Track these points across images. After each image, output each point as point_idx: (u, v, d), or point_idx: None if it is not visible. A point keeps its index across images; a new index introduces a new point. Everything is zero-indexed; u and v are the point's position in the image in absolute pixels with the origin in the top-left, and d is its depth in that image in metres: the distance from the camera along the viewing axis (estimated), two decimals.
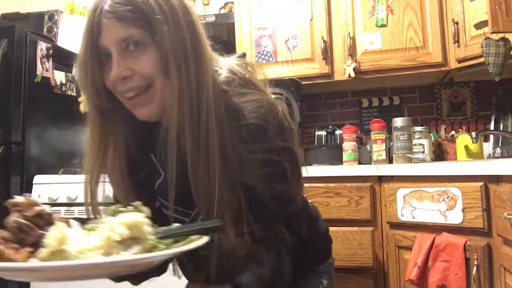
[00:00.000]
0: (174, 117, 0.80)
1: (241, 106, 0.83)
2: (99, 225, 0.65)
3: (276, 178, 0.83)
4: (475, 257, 1.40)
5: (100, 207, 0.89)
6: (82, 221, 0.80)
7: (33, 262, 0.59)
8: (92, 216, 0.89)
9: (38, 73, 2.21)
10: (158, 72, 0.81)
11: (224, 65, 0.90)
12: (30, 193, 2.11)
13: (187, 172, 0.81)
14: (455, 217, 1.49)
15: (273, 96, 0.92)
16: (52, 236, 0.61)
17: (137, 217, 0.64)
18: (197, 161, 0.79)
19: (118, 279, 0.89)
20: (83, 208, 0.92)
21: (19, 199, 0.67)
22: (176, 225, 0.72)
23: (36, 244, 0.62)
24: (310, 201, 1.18)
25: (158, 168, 0.91)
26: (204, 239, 0.66)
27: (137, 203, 0.70)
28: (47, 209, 0.68)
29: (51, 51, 2.30)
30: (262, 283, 0.74)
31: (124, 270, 0.64)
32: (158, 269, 0.87)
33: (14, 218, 0.64)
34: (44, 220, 0.66)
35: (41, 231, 0.63)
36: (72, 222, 0.70)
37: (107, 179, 0.91)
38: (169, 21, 0.79)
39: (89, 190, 0.88)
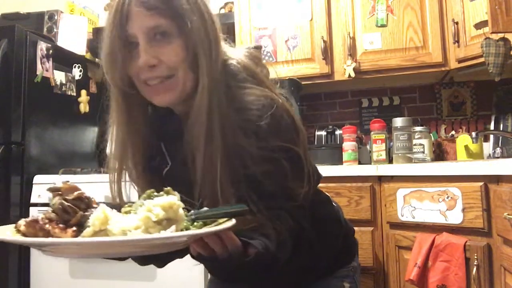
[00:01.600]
0: (203, 105, 0.82)
1: (242, 98, 0.85)
2: (134, 209, 0.69)
3: (275, 176, 0.83)
4: (475, 257, 1.40)
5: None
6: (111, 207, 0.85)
7: (85, 238, 0.63)
8: (119, 204, 0.92)
9: (38, 73, 2.21)
10: (182, 63, 0.83)
11: (232, 56, 0.92)
12: (30, 193, 2.12)
13: (191, 162, 0.83)
14: (455, 217, 1.49)
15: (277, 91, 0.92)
16: (95, 217, 0.64)
17: (172, 199, 0.67)
18: (206, 151, 0.81)
19: (144, 262, 0.93)
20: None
21: (58, 184, 0.72)
22: (205, 209, 0.75)
23: (80, 225, 0.66)
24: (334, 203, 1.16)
25: (166, 157, 0.94)
26: (232, 221, 0.68)
27: (168, 188, 0.73)
28: (86, 194, 0.72)
29: (51, 51, 2.30)
30: (268, 254, 0.73)
31: (160, 248, 0.68)
32: (183, 250, 0.90)
33: (58, 200, 0.68)
34: (84, 203, 0.69)
35: (83, 212, 0.67)
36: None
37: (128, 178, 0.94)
38: (195, 13, 0.83)
39: (115, 177, 0.91)
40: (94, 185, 2.02)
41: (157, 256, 0.81)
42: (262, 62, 0.98)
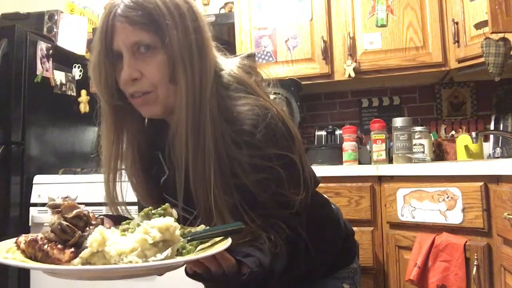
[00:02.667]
0: (181, 118, 0.83)
1: (234, 110, 0.85)
2: (132, 227, 0.71)
3: (270, 183, 0.83)
4: (475, 257, 1.40)
5: (123, 207, 0.95)
6: (111, 218, 0.89)
7: (85, 266, 0.65)
8: (115, 213, 0.95)
9: (38, 73, 2.21)
10: (163, 78, 0.84)
11: (225, 68, 0.92)
12: (30, 193, 2.12)
13: (187, 171, 0.83)
14: (455, 217, 1.49)
15: (272, 98, 0.93)
16: (93, 238, 0.66)
17: (169, 221, 0.68)
18: (197, 161, 0.82)
19: None
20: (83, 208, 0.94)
21: (57, 201, 0.73)
22: (201, 227, 0.76)
23: (77, 245, 0.67)
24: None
25: (164, 166, 0.95)
26: (228, 242, 0.69)
27: (166, 205, 0.75)
28: (85, 211, 0.73)
29: (51, 51, 2.30)
30: (262, 271, 0.74)
31: (158, 271, 0.71)
32: None
33: (56, 220, 0.69)
34: (82, 221, 0.71)
35: (81, 233, 0.69)
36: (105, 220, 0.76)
37: (126, 179, 0.96)
38: (178, 26, 0.83)
39: (109, 188, 0.93)
40: (94, 185, 2.03)
41: None
42: (255, 69, 0.97)
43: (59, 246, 0.66)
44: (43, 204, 2.07)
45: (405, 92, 2.58)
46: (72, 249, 0.66)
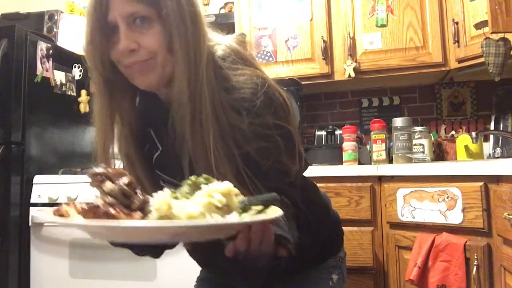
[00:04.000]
0: (181, 86, 0.84)
1: (233, 79, 0.87)
2: (181, 196, 0.67)
3: (269, 151, 0.84)
4: (475, 257, 1.40)
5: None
6: None
7: (162, 221, 0.62)
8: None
9: (38, 73, 2.21)
10: (161, 48, 0.85)
11: (220, 42, 0.94)
12: (30, 193, 2.12)
13: (180, 144, 0.85)
14: (455, 217, 1.49)
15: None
16: (161, 201, 0.64)
17: (229, 185, 0.67)
18: (196, 130, 0.83)
19: (141, 252, 0.94)
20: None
21: (103, 169, 0.69)
22: (243, 198, 0.74)
23: (141, 209, 0.65)
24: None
25: (156, 142, 0.95)
26: (279, 211, 0.67)
27: (206, 176, 0.71)
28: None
29: (51, 51, 2.30)
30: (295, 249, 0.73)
31: (226, 233, 0.67)
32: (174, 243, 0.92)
33: (115, 185, 0.66)
34: (133, 189, 0.68)
35: (142, 197, 0.66)
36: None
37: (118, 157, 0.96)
38: None
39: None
40: None
41: (154, 247, 0.82)
42: (250, 45, 1.01)
43: (125, 210, 0.63)
44: (43, 204, 2.07)
45: (405, 92, 2.58)
46: (140, 214, 0.63)
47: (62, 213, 0.64)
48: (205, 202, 0.64)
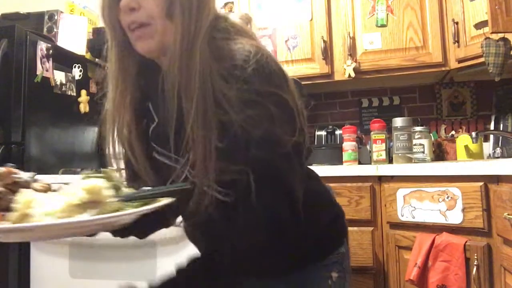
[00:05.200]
0: (168, 58, 0.85)
1: (226, 47, 0.86)
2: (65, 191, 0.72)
3: (262, 120, 0.81)
4: (475, 257, 1.40)
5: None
6: None
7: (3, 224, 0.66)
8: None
9: (38, 73, 2.21)
10: (161, 13, 0.85)
11: (221, 15, 0.94)
12: None
13: (167, 114, 0.85)
14: (455, 217, 1.49)
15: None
16: (21, 200, 0.67)
17: (96, 182, 0.69)
18: (180, 102, 0.83)
19: (124, 234, 0.91)
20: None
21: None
22: (146, 188, 0.77)
23: (8, 209, 0.68)
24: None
25: (153, 114, 0.95)
26: (165, 201, 0.70)
27: (109, 169, 0.75)
28: (25, 177, 0.75)
29: (51, 51, 2.30)
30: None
31: (82, 230, 0.71)
32: (162, 223, 0.92)
33: None
34: (21, 187, 0.72)
35: (12, 197, 0.69)
36: (61, 186, 0.77)
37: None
38: None
39: (113, 134, 0.94)
40: None
41: (137, 227, 0.81)
42: (253, 26, 0.99)
43: None
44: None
45: (405, 92, 2.58)
46: (2, 213, 0.67)
47: None
48: (65, 199, 0.67)
